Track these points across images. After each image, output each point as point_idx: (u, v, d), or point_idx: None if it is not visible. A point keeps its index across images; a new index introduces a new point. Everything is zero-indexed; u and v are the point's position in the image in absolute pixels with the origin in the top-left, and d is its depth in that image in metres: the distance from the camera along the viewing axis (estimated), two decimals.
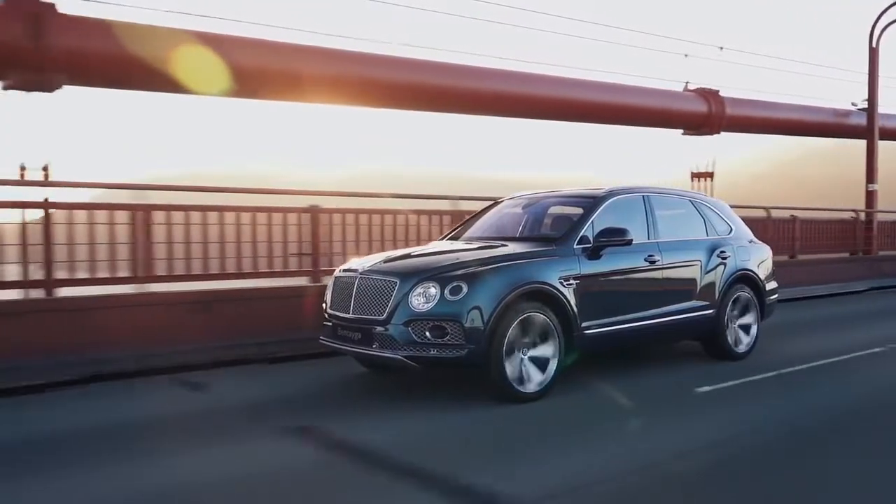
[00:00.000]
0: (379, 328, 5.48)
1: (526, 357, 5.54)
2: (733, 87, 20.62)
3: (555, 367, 5.65)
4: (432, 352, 5.34)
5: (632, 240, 6.20)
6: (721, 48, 20.56)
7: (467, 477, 3.96)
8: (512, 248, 6.12)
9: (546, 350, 5.62)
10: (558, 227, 6.67)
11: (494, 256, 5.81)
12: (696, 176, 21.28)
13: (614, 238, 6.13)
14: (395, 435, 4.81)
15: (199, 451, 4.52)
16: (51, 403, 5.75)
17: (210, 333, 7.12)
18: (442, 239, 7.44)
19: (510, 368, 5.42)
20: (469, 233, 7.15)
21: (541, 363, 5.60)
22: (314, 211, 8.35)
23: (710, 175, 21.06)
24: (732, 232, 7.61)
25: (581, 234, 6.15)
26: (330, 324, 6.01)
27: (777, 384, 6.34)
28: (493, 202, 7.77)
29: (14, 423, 5.22)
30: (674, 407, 5.60)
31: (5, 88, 9.58)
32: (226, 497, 3.80)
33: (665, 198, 7.19)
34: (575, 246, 6.06)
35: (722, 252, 7.20)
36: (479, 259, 5.76)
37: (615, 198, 6.65)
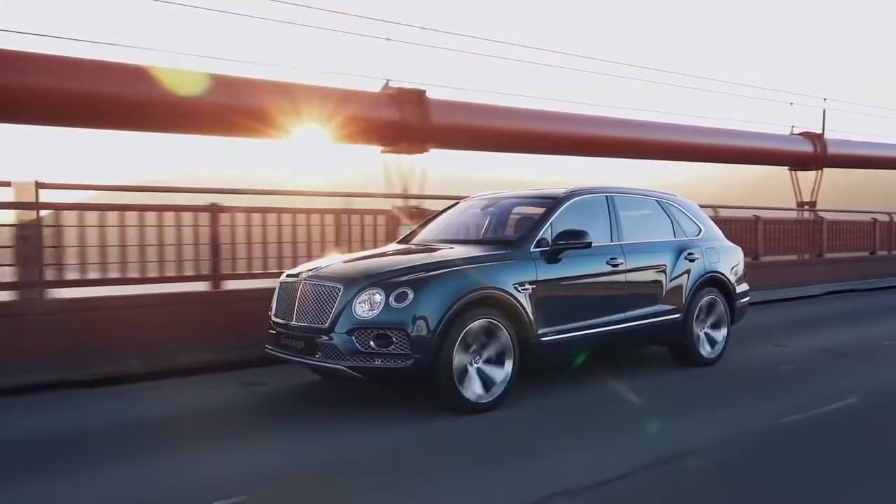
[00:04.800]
0: (322, 337, 5.19)
1: (476, 367, 5.25)
2: None
3: (509, 376, 5.36)
4: (377, 362, 5.05)
5: (591, 242, 5.91)
6: None
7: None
8: (465, 251, 5.82)
9: (500, 360, 5.33)
10: (518, 229, 6.39)
11: (444, 261, 5.51)
12: None
13: (573, 241, 5.84)
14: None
15: None
16: None
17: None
18: (398, 241, 7.14)
19: (459, 378, 5.13)
20: (423, 235, 6.85)
21: (493, 373, 5.31)
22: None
23: None
24: (702, 233, 7.35)
25: (539, 236, 5.87)
26: (274, 332, 5.71)
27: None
28: (453, 202, 7.47)
29: None
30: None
31: (383, 152, 12.61)
32: None
33: (630, 198, 6.92)
34: (532, 249, 5.77)
35: (690, 254, 6.95)
36: (428, 263, 5.46)
37: (576, 198, 6.38)
